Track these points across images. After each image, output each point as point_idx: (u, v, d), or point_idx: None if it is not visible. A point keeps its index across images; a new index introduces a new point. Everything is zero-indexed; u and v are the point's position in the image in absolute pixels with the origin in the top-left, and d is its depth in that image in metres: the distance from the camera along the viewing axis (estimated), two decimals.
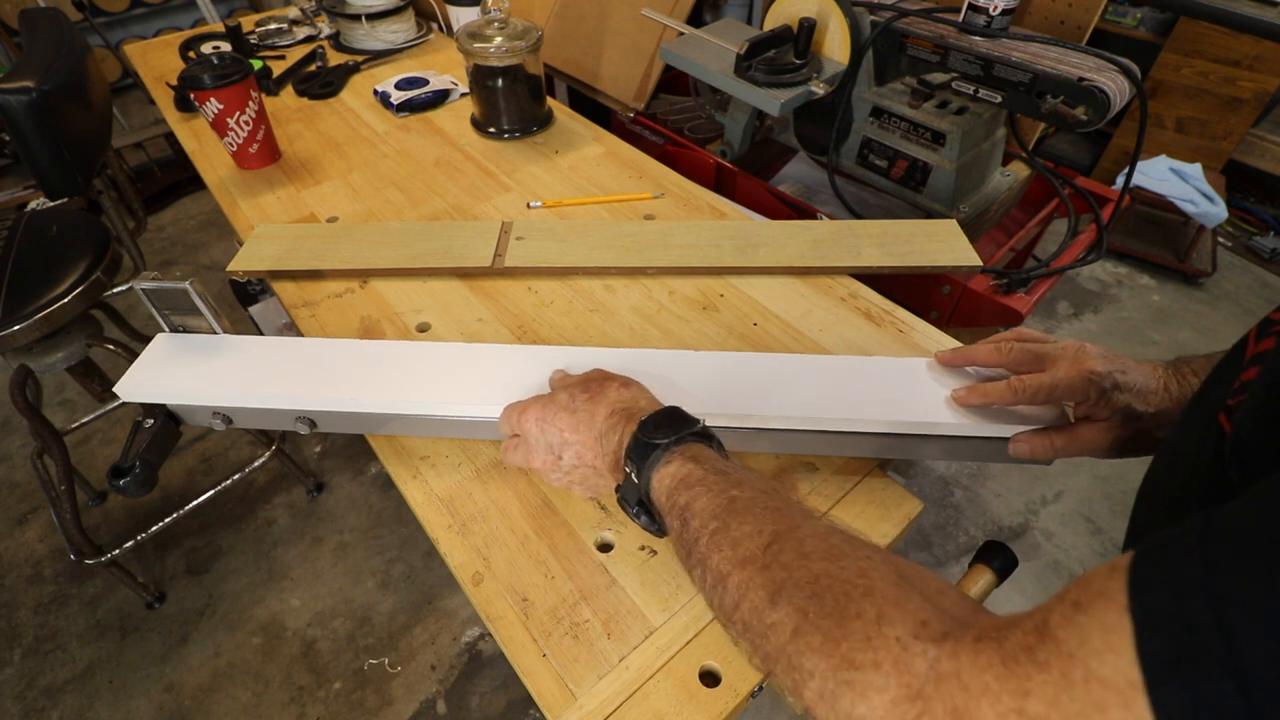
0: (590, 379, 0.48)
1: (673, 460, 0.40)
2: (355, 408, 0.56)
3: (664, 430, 0.41)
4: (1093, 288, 2.09)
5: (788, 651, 0.29)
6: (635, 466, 0.41)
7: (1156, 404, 0.46)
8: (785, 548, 0.32)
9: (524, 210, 0.89)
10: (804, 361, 0.57)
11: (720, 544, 0.35)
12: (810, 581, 0.30)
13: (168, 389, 0.56)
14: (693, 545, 0.36)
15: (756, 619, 0.31)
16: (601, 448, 0.45)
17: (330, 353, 0.60)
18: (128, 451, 0.54)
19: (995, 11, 0.85)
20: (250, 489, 1.54)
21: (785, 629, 0.30)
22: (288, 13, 1.41)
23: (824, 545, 0.32)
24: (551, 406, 0.47)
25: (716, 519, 0.36)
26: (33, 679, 1.25)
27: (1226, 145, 2.10)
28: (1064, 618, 0.22)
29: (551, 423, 0.47)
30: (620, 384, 0.47)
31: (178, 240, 2.32)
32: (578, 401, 0.46)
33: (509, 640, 0.48)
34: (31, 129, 0.94)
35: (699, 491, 0.38)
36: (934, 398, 0.52)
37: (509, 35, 0.95)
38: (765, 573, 0.32)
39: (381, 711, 1.21)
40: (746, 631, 0.32)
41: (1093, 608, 0.21)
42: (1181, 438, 0.35)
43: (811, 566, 0.31)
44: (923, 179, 1.00)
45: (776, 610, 0.30)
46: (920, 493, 1.54)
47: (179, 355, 0.59)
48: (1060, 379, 0.47)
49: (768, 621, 0.30)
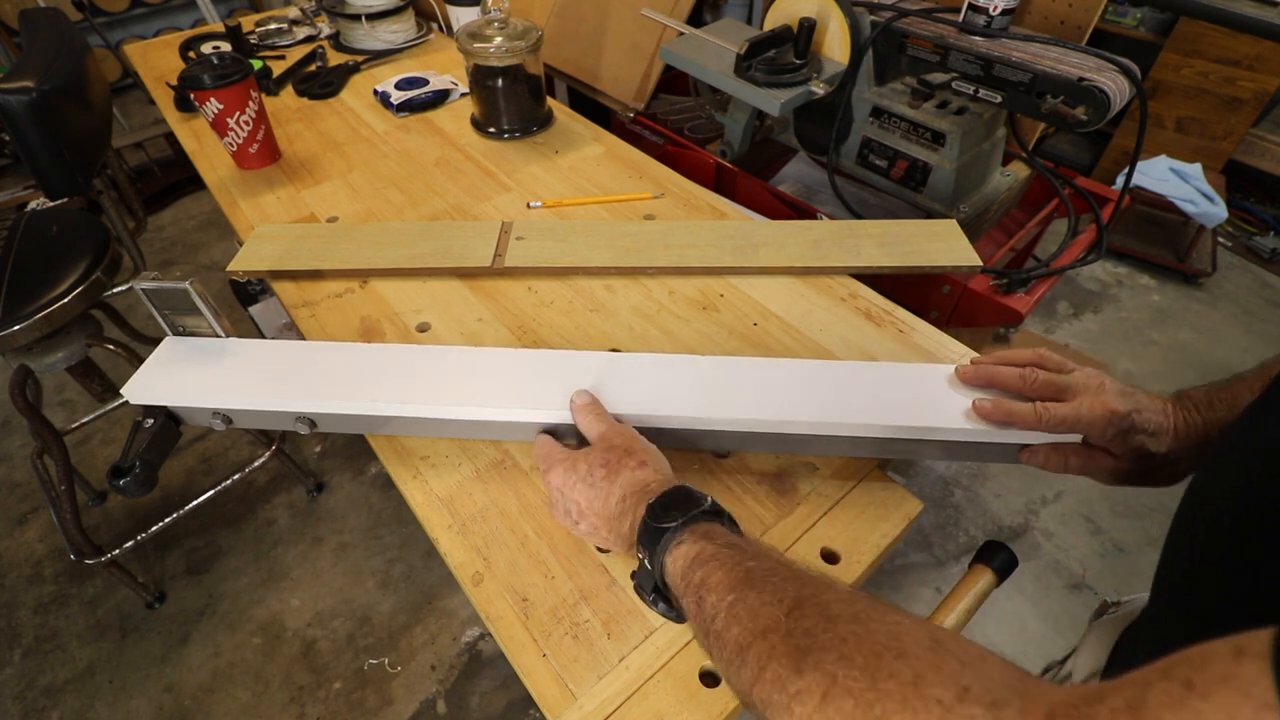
0: (611, 449, 0.47)
1: (684, 541, 0.39)
2: (356, 410, 0.56)
3: (673, 512, 0.40)
4: (1093, 288, 2.09)
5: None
6: (648, 553, 0.40)
7: (1167, 445, 0.47)
8: (808, 613, 0.31)
9: (524, 210, 0.89)
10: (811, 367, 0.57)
11: (738, 616, 0.33)
12: (838, 644, 0.28)
13: (175, 391, 0.57)
14: (710, 622, 0.35)
15: (780, 690, 0.29)
16: (615, 530, 0.44)
17: (332, 354, 0.60)
18: (128, 451, 0.54)
19: (995, 11, 0.85)
20: (250, 489, 1.55)
21: (813, 696, 0.28)
22: (288, 13, 1.41)
23: (850, 610, 0.30)
24: (573, 474, 0.47)
25: (733, 591, 0.34)
26: (33, 679, 1.25)
27: (1226, 145, 2.10)
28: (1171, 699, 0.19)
29: (572, 491, 0.47)
30: (637, 463, 0.46)
31: (178, 240, 2.32)
32: (595, 476, 0.46)
33: (509, 640, 0.48)
34: (31, 129, 0.94)
35: (713, 567, 0.36)
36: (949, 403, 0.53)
37: (509, 35, 0.95)
38: (788, 640, 0.30)
39: (381, 711, 1.21)
40: (769, 708, 0.30)
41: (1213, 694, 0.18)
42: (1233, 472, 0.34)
43: (838, 629, 0.29)
44: (923, 179, 1.00)
45: (802, 677, 0.28)
46: (920, 493, 1.54)
47: (186, 358, 0.59)
48: (1083, 415, 0.47)
49: (792, 690, 0.28)
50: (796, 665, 0.29)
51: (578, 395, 0.53)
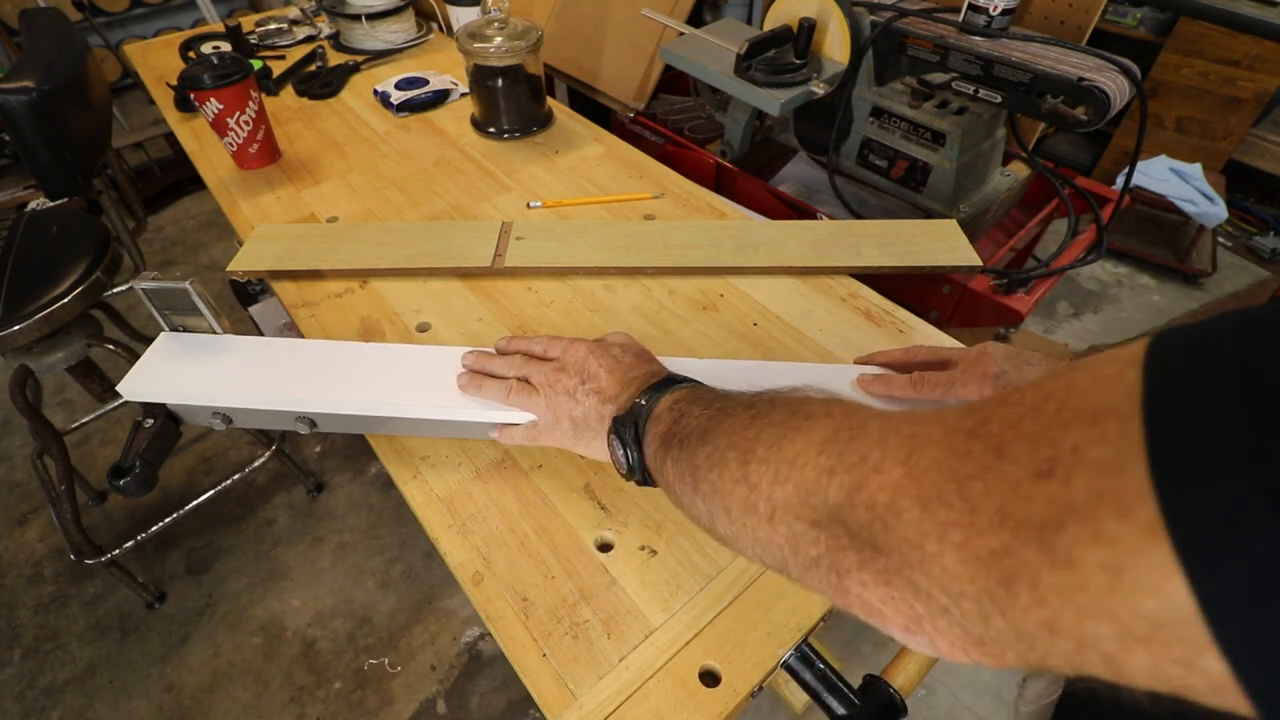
0: (643, 351, 0.53)
1: (683, 389, 0.43)
2: (356, 410, 0.56)
3: (681, 382, 0.45)
4: (1093, 288, 2.09)
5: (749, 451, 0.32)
6: (646, 396, 0.44)
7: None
8: (775, 407, 0.34)
9: (524, 210, 0.89)
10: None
11: (713, 418, 0.37)
12: (770, 429, 0.32)
13: (170, 388, 0.56)
14: (679, 432, 0.38)
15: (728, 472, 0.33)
16: (621, 391, 0.48)
17: (332, 354, 0.60)
18: (128, 451, 0.54)
19: (995, 11, 0.85)
20: (250, 489, 1.54)
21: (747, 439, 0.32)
22: (288, 13, 1.41)
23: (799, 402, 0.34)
24: (603, 347, 0.52)
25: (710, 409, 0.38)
26: (33, 679, 1.25)
27: (1226, 145, 2.10)
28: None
29: (598, 358, 0.50)
30: (659, 366, 0.51)
31: (178, 240, 2.32)
32: (627, 356, 0.51)
33: (509, 640, 0.48)
34: (31, 129, 0.94)
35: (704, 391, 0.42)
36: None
37: (509, 35, 0.95)
38: (752, 424, 0.33)
39: (381, 711, 1.21)
40: (714, 490, 0.33)
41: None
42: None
43: (791, 415, 0.32)
44: (923, 179, 1.00)
45: (749, 466, 0.31)
46: None
47: (182, 354, 0.59)
48: (957, 376, 0.51)
49: (740, 438, 0.33)
50: (752, 438, 0.33)
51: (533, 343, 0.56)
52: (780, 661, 0.46)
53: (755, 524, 0.30)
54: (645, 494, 0.55)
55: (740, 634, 0.48)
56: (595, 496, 0.56)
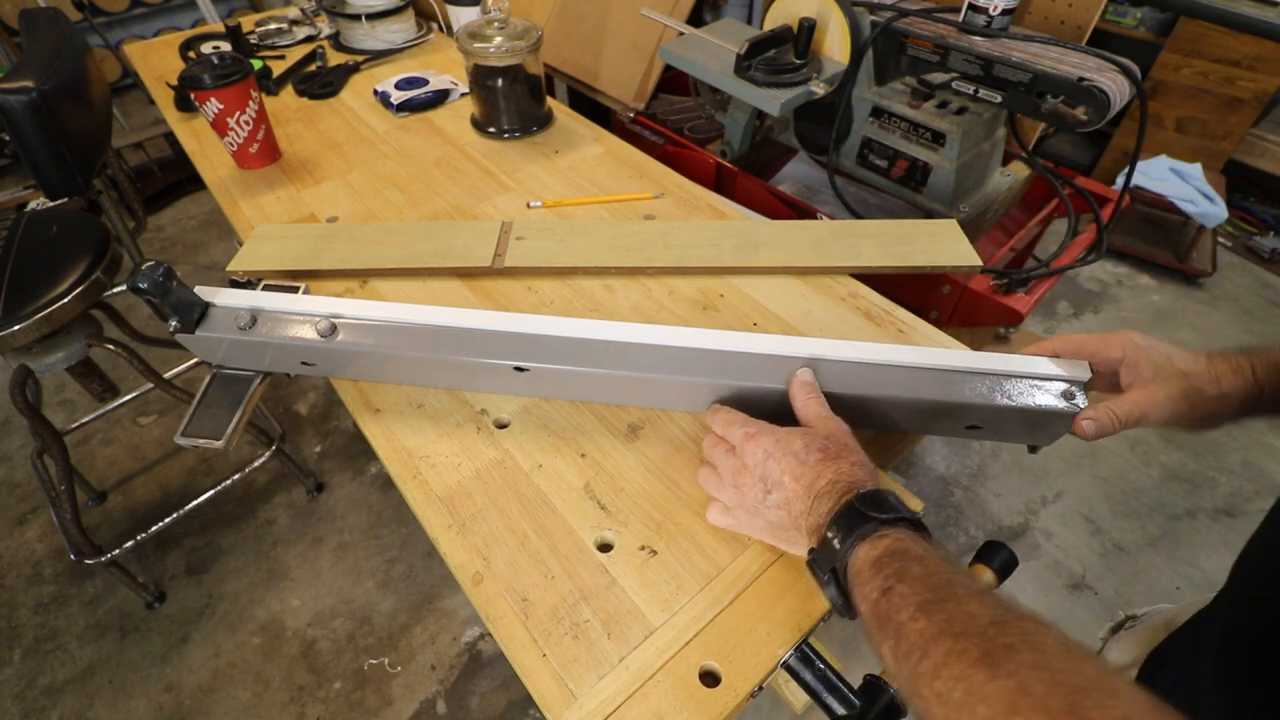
0: (832, 438, 0.47)
1: (886, 535, 0.39)
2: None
3: (881, 508, 0.41)
4: (1093, 288, 2.09)
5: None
6: (841, 534, 0.41)
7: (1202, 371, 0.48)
8: (1013, 632, 0.30)
9: (524, 210, 0.89)
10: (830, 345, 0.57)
11: (931, 613, 0.33)
12: (1041, 666, 0.29)
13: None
14: (894, 612, 0.35)
15: (963, 686, 0.30)
16: (803, 510, 0.45)
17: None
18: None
19: (995, 11, 0.85)
20: (250, 489, 1.55)
21: (1000, 701, 0.28)
22: (288, 13, 1.41)
23: (1063, 647, 0.30)
24: (784, 446, 0.47)
25: (931, 591, 0.35)
26: (33, 679, 1.25)
27: (1226, 145, 2.10)
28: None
29: (779, 461, 0.46)
30: (853, 463, 0.46)
31: (178, 240, 2.32)
32: (811, 455, 0.46)
33: (509, 640, 0.48)
34: (31, 129, 0.94)
35: (912, 563, 0.37)
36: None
37: (509, 35, 0.95)
38: (983, 646, 0.30)
39: (381, 711, 1.21)
40: (945, 703, 0.30)
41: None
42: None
43: (1047, 657, 0.29)
44: (923, 179, 1.00)
45: (994, 682, 0.29)
46: (920, 492, 1.54)
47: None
48: (1147, 408, 0.49)
49: (979, 692, 0.29)
50: (990, 671, 0.29)
51: (802, 371, 0.52)
52: (780, 661, 0.46)
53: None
54: (645, 494, 0.55)
55: (740, 634, 0.48)
56: (595, 496, 0.56)
